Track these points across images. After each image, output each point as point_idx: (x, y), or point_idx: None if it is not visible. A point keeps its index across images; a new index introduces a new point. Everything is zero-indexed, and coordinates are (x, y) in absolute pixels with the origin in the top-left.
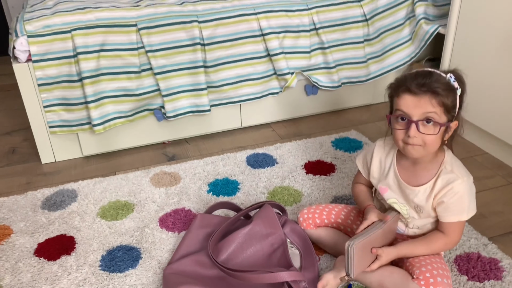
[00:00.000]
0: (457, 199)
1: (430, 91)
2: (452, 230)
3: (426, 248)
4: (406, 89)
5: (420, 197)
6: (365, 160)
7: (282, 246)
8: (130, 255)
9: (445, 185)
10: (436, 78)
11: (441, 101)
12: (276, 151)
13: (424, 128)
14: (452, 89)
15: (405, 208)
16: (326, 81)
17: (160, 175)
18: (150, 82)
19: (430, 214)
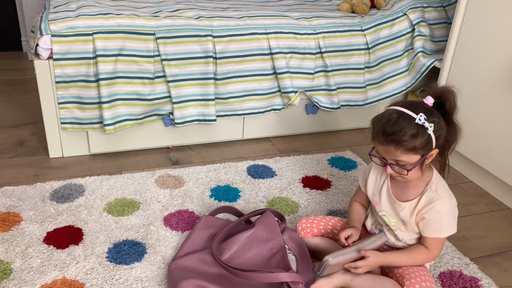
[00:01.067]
0: (437, 217)
1: (395, 142)
2: (432, 245)
3: (409, 258)
4: (376, 135)
5: (406, 212)
6: (364, 175)
7: (281, 251)
8: (135, 249)
9: (428, 203)
10: (402, 126)
11: (408, 148)
12: (275, 164)
13: (398, 168)
14: (421, 130)
15: (394, 221)
16: (326, 102)
17: (165, 177)
18: (162, 88)
19: (414, 229)
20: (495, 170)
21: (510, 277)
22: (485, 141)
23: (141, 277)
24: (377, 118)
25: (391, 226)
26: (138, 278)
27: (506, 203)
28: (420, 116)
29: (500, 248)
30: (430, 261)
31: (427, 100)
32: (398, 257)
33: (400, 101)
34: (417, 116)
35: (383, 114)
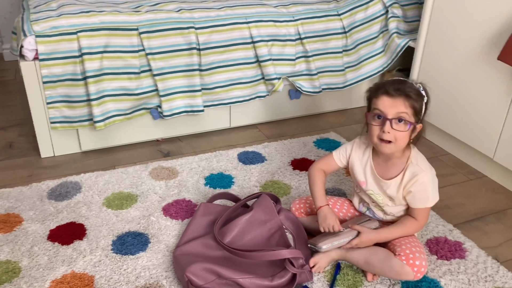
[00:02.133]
0: (422, 189)
1: (404, 94)
2: (420, 215)
3: (402, 231)
4: (385, 92)
5: (392, 189)
6: (344, 153)
7: (279, 230)
8: (139, 240)
9: (412, 177)
10: (409, 85)
11: (412, 104)
12: (264, 149)
13: (396, 126)
14: (421, 96)
15: (381, 198)
16: (309, 86)
17: (158, 169)
18: (149, 82)
19: (402, 202)
20: (471, 141)
21: (490, 239)
22: (460, 114)
23: (147, 265)
24: (382, 81)
25: (379, 203)
26: (145, 266)
27: (483, 172)
28: (420, 85)
29: (479, 213)
30: (420, 229)
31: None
32: (391, 232)
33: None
34: (418, 85)
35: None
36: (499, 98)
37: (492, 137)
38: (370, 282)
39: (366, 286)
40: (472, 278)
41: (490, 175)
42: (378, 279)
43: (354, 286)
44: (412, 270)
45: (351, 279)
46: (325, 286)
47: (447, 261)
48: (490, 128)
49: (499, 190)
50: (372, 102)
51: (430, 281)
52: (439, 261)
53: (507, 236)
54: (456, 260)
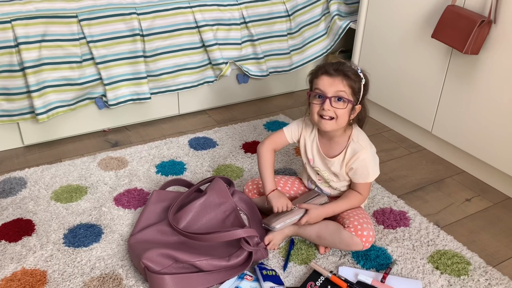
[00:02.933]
0: (363, 165)
1: (342, 73)
2: (363, 189)
3: (347, 204)
4: (324, 71)
5: (336, 166)
6: (296, 130)
7: (234, 212)
8: (91, 231)
9: (353, 154)
10: (347, 66)
11: (350, 83)
12: (215, 134)
13: (336, 103)
14: (359, 77)
15: (326, 174)
16: (256, 70)
17: (107, 160)
18: (92, 71)
19: (345, 178)
20: (410, 116)
21: (431, 207)
22: (400, 92)
23: (102, 255)
24: (322, 63)
25: (325, 179)
26: (99, 257)
27: (422, 145)
28: (358, 67)
29: (420, 184)
30: (363, 201)
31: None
32: (337, 206)
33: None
34: (356, 67)
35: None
36: (435, 74)
37: (429, 111)
38: (323, 255)
39: (319, 259)
40: (416, 244)
41: (429, 147)
42: (329, 251)
43: (308, 259)
44: (360, 240)
45: (304, 253)
46: (280, 261)
47: (393, 229)
48: (427, 103)
49: (438, 161)
50: (313, 83)
51: (378, 249)
52: (386, 230)
53: (445, 203)
54: (401, 228)
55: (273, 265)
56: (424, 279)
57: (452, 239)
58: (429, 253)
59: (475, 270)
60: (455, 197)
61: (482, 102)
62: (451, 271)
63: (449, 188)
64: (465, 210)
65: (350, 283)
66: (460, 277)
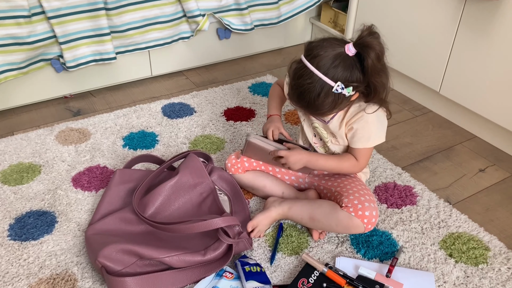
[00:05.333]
0: (366, 126)
1: (310, 111)
2: (360, 155)
3: (336, 163)
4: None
5: (334, 123)
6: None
7: (211, 194)
8: (43, 220)
9: (356, 112)
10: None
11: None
12: (193, 99)
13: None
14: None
15: (325, 133)
16: (239, 23)
17: (66, 132)
18: (44, 28)
19: (344, 141)
20: (415, 75)
21: (440, 180)
22: (403, 46)
23: (54, 251)
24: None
25: (324, 138)
26: (51, 252)
27: (428, 107)
28: (338, 85)
29: (427, 152)
30: (357, 171)
31: (349, 51)
32: (325, 160)
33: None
34: (335, 85)
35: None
36: (445, 25)
37: (438, 68)
38: (317, 242)
39: (312, 247)
40: (425, 226)
41: (436, 109)
42: (325, 237)
43: (299, 248)
44: (361, 222)
45: (295, 240)
46: (267, 252)
47: (398, 209)
48: (436, 59)
49: (446, 125)
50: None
51: (381, 234)
52: (390, 210)
53: (456, 175)
54: (408, 207)
55: (258, 257)
56: (436, 269)
57: (467, 218)
58: (440, 237)
59: (495, 257)
60: (467, 167)
61: (499, 58)
62: (467, 259)
63: (460, 157)
64: (479, 182)
65: (349, 279)
66: (478, 266)
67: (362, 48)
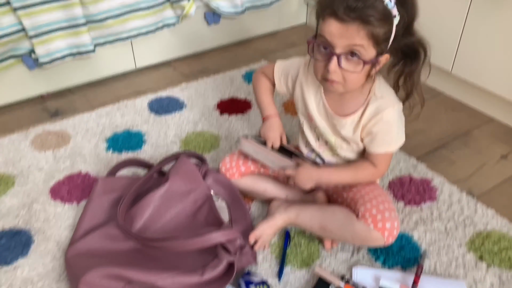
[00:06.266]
0: (386, 129)
1: (360, 19)
2: (380, 161)
3: (353, 174)
4: (332, 13)
5: (348, 129)
6: (287, 79)
7: (207, 202)
8: (17, 240)
9: (374, 114)
10: (371, 2)
11: (372, 32)
12: (183, 92)
13: (347, 63)
14: (389, 17)
15: (333, 139)
16: (228, 6)
17: (43, 136)
18: (10, 20)
19: (359, 146)
20: None
21: (459, 169)
22: None
23: (30, 276)
24: None
25: (331, 145)
26: (26, 279)
27: (440, 89)
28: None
29: (442, 138)
30: (376, 179)
31: None
32: (339, 173)
33: None
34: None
35: None
36: None
37: (449, 46)
38: (330, 252)
39: (325, 257)
40: (449, 225)
41: (448, 91)
42: (338, 246)
43: (310, 259)
44: (382, 235)
45: (305, 250)
46: (274, 265)
47: (417, 206)
48: (447, 35)
49: (460, 108)
50: (319, 25)
51: (401, 237)
52: (408, 208)
53: (477, 163)
54: (427, 204)
55: (264, 272)
56: (467, 276)
57: (494, 213)
58: (467, 237)
59: None
60: (488, 154)
61: None
62: (500, 261)
63: (478, 143)
64: (503, 170)
65: None
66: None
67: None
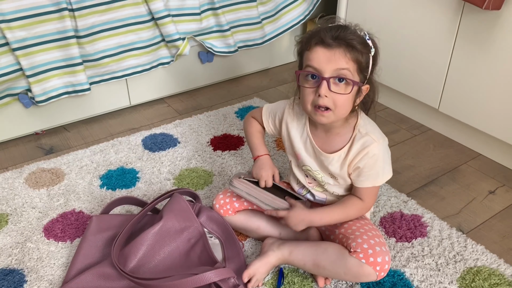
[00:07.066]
0: (373, 163)
1: (345, 43)
2: (367, 195)
3: (342, 213)
4: (320, 41)
5: (335, 165)
6: (275, 119)
7: (201, 240)
8: (10, 280)
9: (360, 149)
10: (351, 31)
11: (356, 57)
12: (176, 129)
13: (336, 87)
14: (367, 47)
15: (320, 175)
16: (221, 45)
17: (37, 173)
18: (9, 60)
19: (347, 181)
20: (411, 91)
21: (449, 205)
22: (398, 62)
23: None
24: (316, 28)
25: (319, 180)
26: None
27: (427, 125)
28: (365, 33)
29: (431, 175)
30: (364, 213)
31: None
32: (328, 213)
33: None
34: (362, 32)
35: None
36: (442, 38)
37: (436, 84)
38: None
39: None
40: (440, 261)
41: (435, 127)
42: (331, 283)
43: None
44: (374, 270)
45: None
46: None
47: (408, 242)
48: (433, 74)
49: (448, 144)
50: (304, 57)
51: (393, 274)
52: (399, 244)
53: (465, 199)
54: (418, 240)
55: None
56: None
57: (483, 249)
58: (458, 273)
59: None
60: (476, 190)
61: (500, 71)
62: None
63: (466, 178)
64: (491, 206)
65: None
66: None
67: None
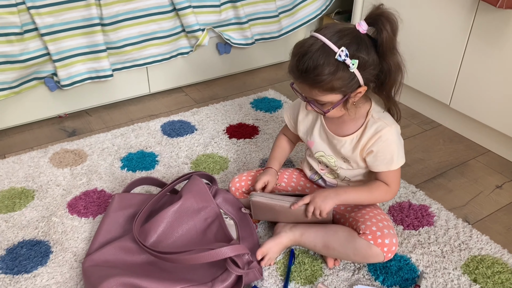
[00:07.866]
0: (386, 147)
1: (309, 81)
2: (390, 179)
3: (368, 193)
4: (290, 70)
5: (347, 147)
6: (293, 113)
7: (217, 219)
8: (37, 250)
9: (373, 134)
10: (318, 63)
11: (324, 88)
12: (194, 116)
13: (319, 106)
14: (342, 68)
15: (333, 160)
16: (239, 37)
17: (61, 153)
18: (37, 45)
19: (359, 165)
20: (423, 87)
21: (456, 197)
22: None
23: (49, 284)
24: (296, 47)
25: (331, 166)
26: (45, 286)
27: (437, 120)
28: (341, 51)
29: (440, 168)
30: (390, 198)
31: (360, 26)
32: (355, 193)
33: (330, 25)
34: (338, 51)
35: (303, 42)
36: (455, 35)
37: (448, 81)
38: (332, 269)
39: (327, 275)
40: (445, 249)
41: (446, 123)
42: (340, 264)
43: (313, 277)
44: (381, 250)
45: (308, 268)
46: (279, 282)
47: (415, 230)
48: (446, 71)
49: (457, 139)
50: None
51: (399, 259)
52: (406, 231)
53: (473, 192)
54: (425, 228)
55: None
56: None
57: (488, 239)
58: (462, 261)
59: None
60: (483, 184)
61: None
62: (493, 284)
63: (475, 173)
64: (497, 199)
65: None
66: None
67: (376, 20)
